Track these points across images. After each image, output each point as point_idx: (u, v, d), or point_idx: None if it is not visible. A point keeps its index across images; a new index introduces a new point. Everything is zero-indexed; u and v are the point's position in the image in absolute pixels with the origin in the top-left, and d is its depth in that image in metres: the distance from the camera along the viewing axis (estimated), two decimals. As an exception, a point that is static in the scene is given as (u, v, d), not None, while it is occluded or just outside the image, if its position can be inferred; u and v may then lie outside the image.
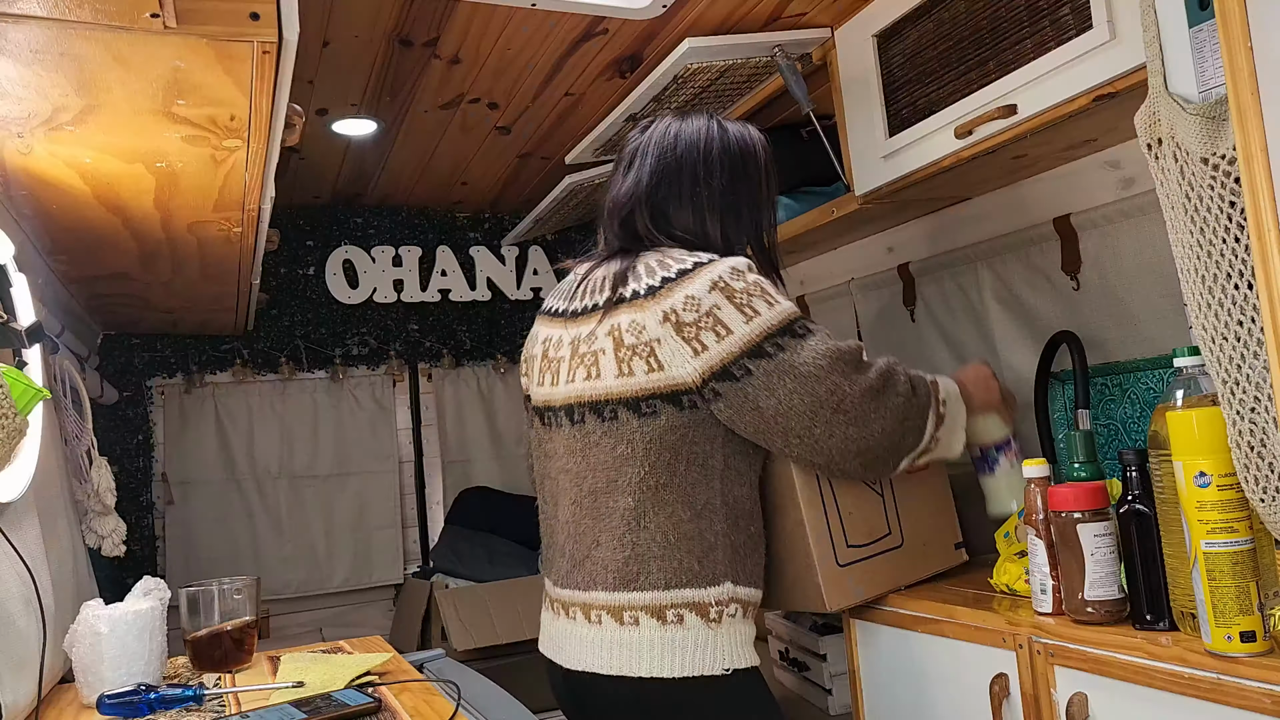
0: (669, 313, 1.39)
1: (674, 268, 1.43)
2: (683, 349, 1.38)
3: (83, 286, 2.13)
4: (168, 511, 2.99)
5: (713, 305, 1.39)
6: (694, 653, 1.38)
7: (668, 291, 1.40)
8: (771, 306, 1.40)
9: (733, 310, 1.39)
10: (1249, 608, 1.12)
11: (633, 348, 1.42)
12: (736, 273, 1.42)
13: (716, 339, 1.38)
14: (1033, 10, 1.58)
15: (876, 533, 1.64)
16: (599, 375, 1.44)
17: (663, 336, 1.39)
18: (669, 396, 1.40)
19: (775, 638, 2.35)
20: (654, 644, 1.38)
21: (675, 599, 1.39)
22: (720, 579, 1.41)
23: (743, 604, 1.43)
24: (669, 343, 1.39)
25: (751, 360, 1.38)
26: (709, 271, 1.41)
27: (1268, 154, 1.01)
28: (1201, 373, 1.21)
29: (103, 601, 1.38)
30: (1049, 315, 2.04)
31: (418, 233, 3.28)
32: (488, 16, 1.89)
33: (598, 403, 1.45)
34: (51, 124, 1.17)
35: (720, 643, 1.40)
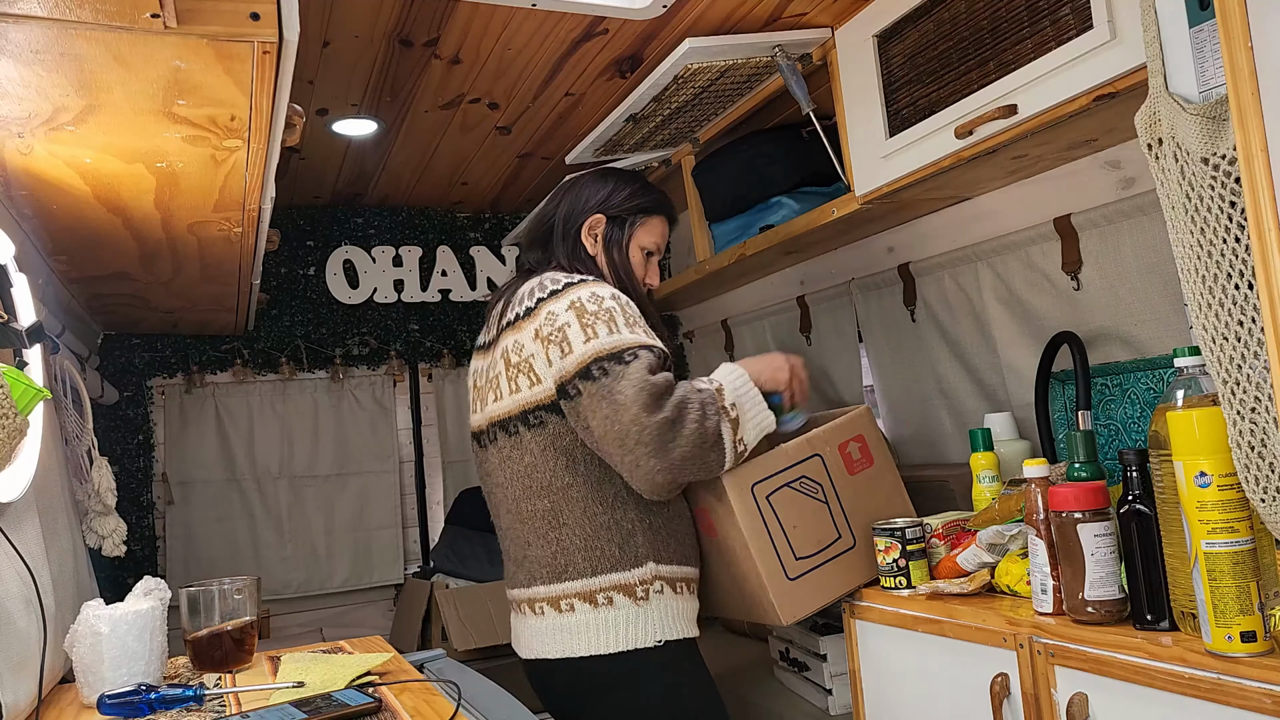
0: (538, 329, 1.56)
1: (548, 288, 1.60)
2: (544, 361, 1.55)
3: (83, 286, 2.13)
4: (168, 511, 2.99)
5: (564, 322, 1.53)
6: (626, 629, 1.56)
7: (539, 310, 1.57)
8: (611, 333, 1.52)
9: (578, 329, 1.52)
10: (1249, 608, 1.12)
11: (517, 366, 1.60)
12: (596, 297, 1.55)
13: (561, 354, 1.53)
14: (1033, 10, 1.57)
15: (825, 539, 1.71)
16: (499, 397, 1.64)
17: (535, 352, 1.56)
18: (549, 406, 1.57)
19: (776, 638, 2.35)
20: (589, 626, 1.57)
21: (603, 583, 1.57)
22: (643, 560, 1.58)
23: (668, 580, 1.60)
24: (539, 357, 1.56)
25: (582, 380, 1.51)
26: (572, 291, 1.57)
27: (1268, 154, 1.01)
28: (1202, 373, 1.21)
29: (103, 601, 1.38)
30: (1049, 315, 2.04)
31: (418, 233, 3.28)
32: (488, 16, 1.89)
33: (502, 420, 1.65)
34: (52, 124, 1.17)
35: (650, 618, 1.57)
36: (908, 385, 2.49)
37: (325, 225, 3.18)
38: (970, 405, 2.30)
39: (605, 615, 1.57)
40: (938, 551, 1.71)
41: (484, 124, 2.49)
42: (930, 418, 2.44)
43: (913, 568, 1.69)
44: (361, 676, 1.35)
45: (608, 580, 1.57)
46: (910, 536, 1.70)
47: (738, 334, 3.20)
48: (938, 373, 2.37)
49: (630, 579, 1.57)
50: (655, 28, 1.98)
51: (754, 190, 2.39)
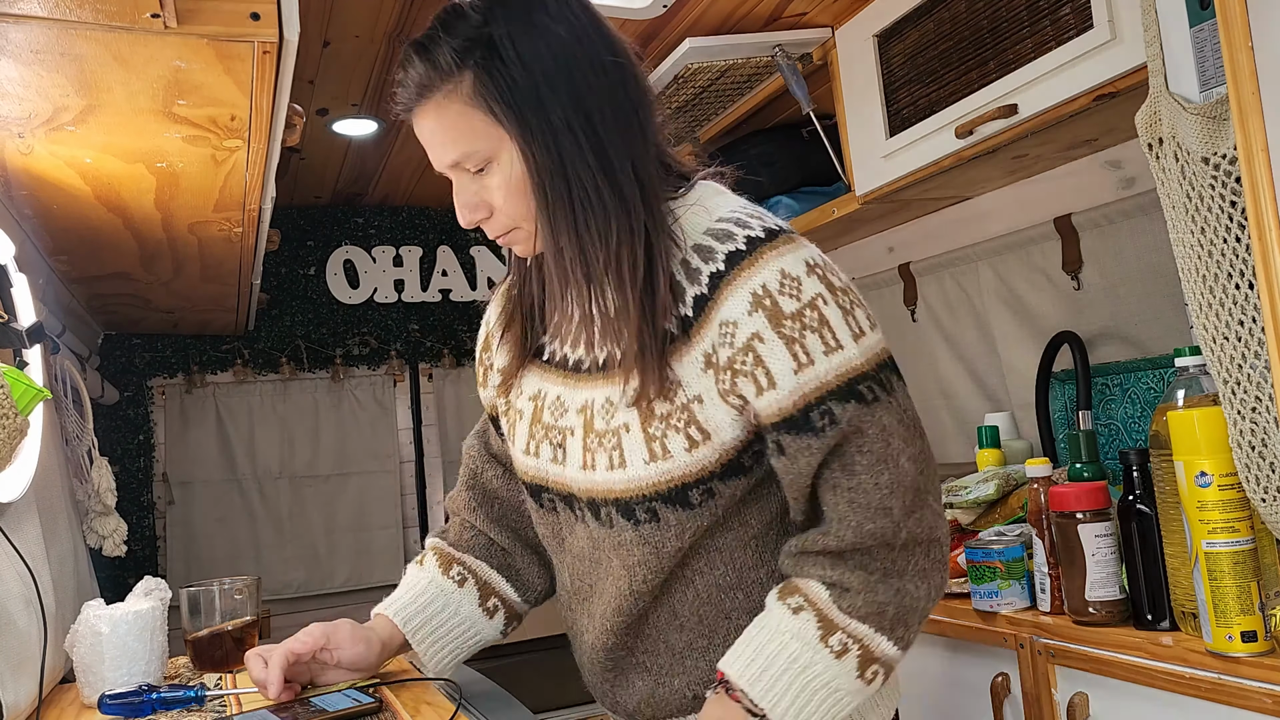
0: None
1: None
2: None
3: (83, 286, 2.13)
4: (168, 511, 2.99)
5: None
6: None
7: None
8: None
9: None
10: (1250, 607, 1.12)
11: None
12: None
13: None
14: (1033, 10, 1.57)
15: None
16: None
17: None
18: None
19: None
20: None
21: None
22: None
23: None
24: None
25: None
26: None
27: (1269, 153, 1.01)
28: (1203, 372, 1.21)
29: (104, 601, 1.38)
30: (1050, 315, 2.04)
31: (418, 233, 3.28)
32: (488, 16, 1.88)
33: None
34: (52, 124, 1.17)
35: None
36: (908, 385, 2.48)
37: (325, 225, 3.18)
38: (971, 405, 2.30)
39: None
40: (938, 551, 1.71)
41: (484, 124, 2.49)
42: (931, 417, 2.44)
43: None
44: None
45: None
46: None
47: (738, 334, 3.20)
48: (938, 372, 2.37)
49: None
50: (655, 27, 1.98)
51: (753, 190, 2.39)
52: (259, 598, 1.57)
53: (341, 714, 1.13)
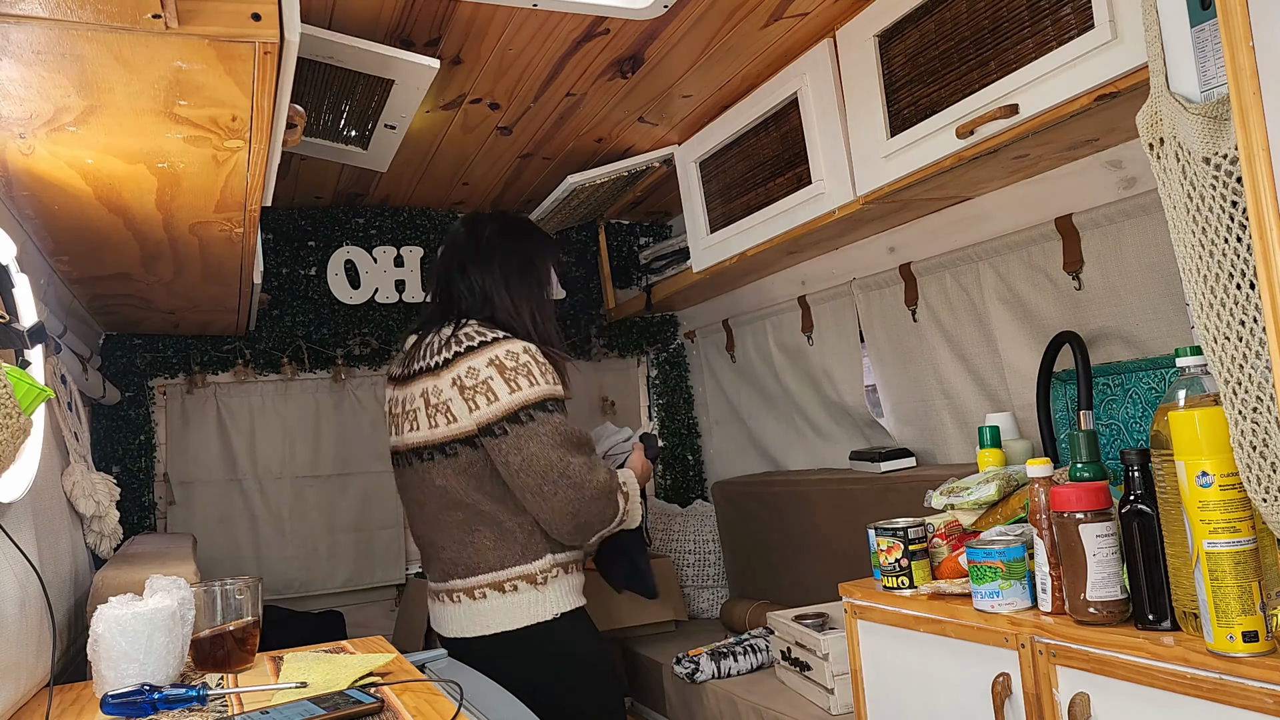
0: (457, 378, 1.96)
1: (464, 344, 1.99)
2: (464, 406, 1.95)
3: (85, 287, 2.13)
4: (169, 512, 2.99)
5: (487, 376, 1.93)
6: (529, 609, 1.99)
7: (456, 362, 1.97)
8: (532, 385, 1.93)
9: (501, 383, 1.93)
10: (1251, 608, 1.12)
11: (435, 407, 1.99)
12: (511, 354, 1.95)
13: (486, 402, 1.93)
14: (1034, 10, 1.57)
15: None
16: (416, 428, 2.04)
17: (453, 397, 1.96)
18: (464, 440, 1.97)
19: (779, 637, 2.35)
20: (498, 609, 2.00)
21: (510, 575, 1.99)
22: (542, 554, 2.01)
23: (563, 565, 2.04)
24: (457, 401, 1.96)
25: (509, 423, 1.91)
26: (491, 349, 1.96)
27: (1270, 153, 1.01)
28: (1204, 372, 1.21)
29: (135, 597, 1.38)
30: (1051, 315, 2.04)
31: (419, 233, 3.28)
32: (489, 17, 1.89)
33: (417, 448, 2.04)
34: (53, 124, 1.17)
35: (548, 597, 2.00)
36: (909, 385, 2.49)
37: (326, 225, 3.18)
38: (972, 405, 2.30)
39: (512, 599, 2.00)
40: (940, 551, 1.71)
41: (485, 124, 2.49)
42: (932, 418, 2.44)
43: (915, 568, 1.69)
44: (364, 677, 1.35)
45: (513, 572, 2.00)
46: (913, 536, 1.70)
47: (739, 334, 3.20)
48: (939, 373, 2.37)
49: (532, 569, 2.00)
50: (657, 27, 1.98)
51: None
52: (260, 598, 1.57)
53: (343, 714, 1.13)
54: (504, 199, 3.22)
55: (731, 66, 2.22)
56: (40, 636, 1.39)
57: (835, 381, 2.75)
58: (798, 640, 2.27)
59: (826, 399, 2.83)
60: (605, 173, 2.74)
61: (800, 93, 2.14)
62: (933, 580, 1.69)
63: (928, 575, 1.69)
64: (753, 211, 2.38)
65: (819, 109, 2.09)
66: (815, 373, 2.84)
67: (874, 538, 1.78)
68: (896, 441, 2.58)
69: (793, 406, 2.99)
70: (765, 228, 2.34)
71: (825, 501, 2.56)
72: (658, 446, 2.31)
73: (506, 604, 1.99)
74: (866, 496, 2.39)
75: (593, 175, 2.74)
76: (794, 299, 2.85)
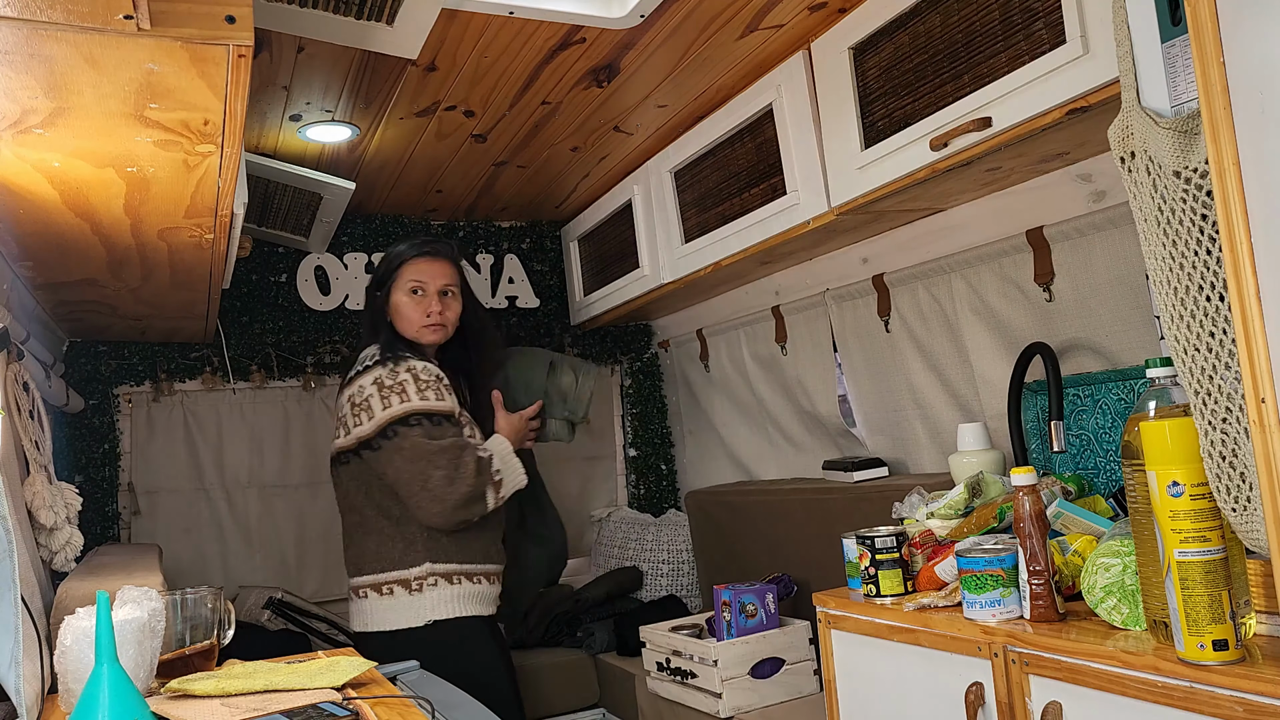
0: (351, 395, 2.20)
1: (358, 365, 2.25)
2: (352, 420, 2.18)
3: (49, 293, 2.09)
4: (134, 522, 2.94)
5: (368, 395, 2.16)
6: (402, 612, 2.15)
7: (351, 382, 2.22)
8: (403, 402, 2.13)
9: (378, 400, 2.14)
10: (1221, 616, 1.13)
11: (339, 419, 2.24)
12: (393, 372, 2.17)
13: (366, 419, 2.15)
14: (1007, 24, 1.59)
15: None
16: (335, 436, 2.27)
17: (348, 412, 2.20)
18: (353, 451, 2.19)
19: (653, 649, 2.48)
20: (376, 609, 2.17)
21: (386, 578, 2.17)
22: (420, 561, 2.16)
23: (444, 575, 2.18)
24: (349, 417, 2.19)
25: (380, 439, 2.13)
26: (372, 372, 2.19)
27: (1240, 167, 1.02)
28: (1174, 383, 1.23)
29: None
30: (1022, 326, 2.06)
31: (391, 240, 3.25)
32: (465, 23, 1.88)
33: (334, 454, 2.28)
34: (19, 127, 1.14)
35: (422, 604, 2.15)
36: (882, 395, 2.50)
37: (297, 232, 3.14)
38: (944, 415, 2.31)
39: (388, 601, 2.17)
40: (915, 562, 1.72)
41: (459, 131, 2.48)
42: (904, 428, 2.45)
43: (882, 577, 1.70)
44: (341, 689, 1.33)
45: (389, 576, 2.17)
46: (880, 546, 1.70)
47: (713, 344, 3.21)
48: (912, 383, 2.39)
49: (408, 575, 2.16)
50: (633, 37, 1.98)
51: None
52: (223, 608, 1.55)
53: (314, 728, 1.11)
54: (478, 207, 3.21)
55: (707, 77, 2.23)
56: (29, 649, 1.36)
57: (809, 391, 2.76)
58: (675, 650, 2.37)
59: (800, 409, 2.84)
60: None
61: (775, 104, 2.15)
62: (907, 590, 1.69)
63: (898, 584, 1.70)
64: (727, 222, 2.39)
65: (794, 120, 2.10)
66: (789, 383, 2.85)
67: (848, 547, 1.79)
68: (869, 451, 2.59)
69: (766, 416, 2.99)
70: (740, 238, 2.35)
71: (798, 511, 2.57)
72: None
73: (382, 605, 2.17)
74: (839, 506, 2.39)
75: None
76: (768, 309, 2.86)
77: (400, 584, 2.15)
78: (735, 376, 3.10)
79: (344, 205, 2.65)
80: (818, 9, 1.92)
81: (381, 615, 2.16)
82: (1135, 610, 1.32)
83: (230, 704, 1.26)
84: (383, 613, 2.16)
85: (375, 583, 2.17)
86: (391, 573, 2.16)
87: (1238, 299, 1.03)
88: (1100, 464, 1.86)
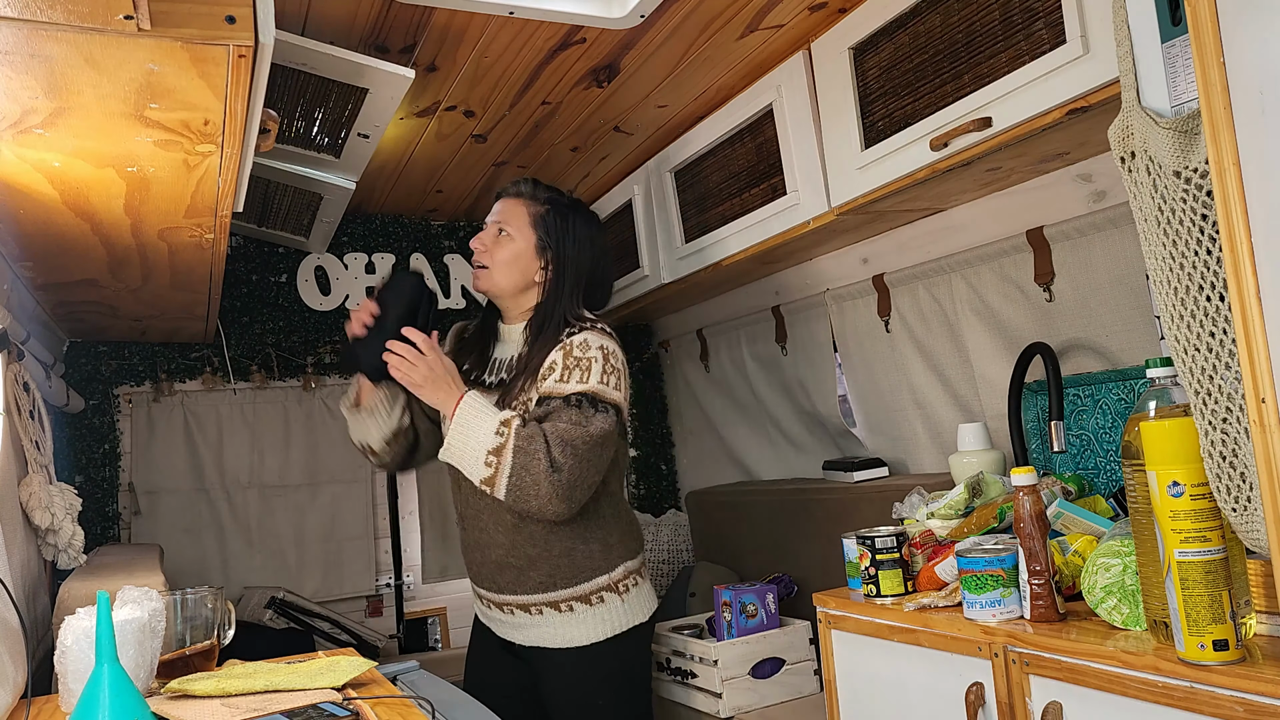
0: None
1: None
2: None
3: (49, 293, 2.09)
4: (134, 522, 2.94)
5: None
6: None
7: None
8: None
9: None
10: (1221, 616, 1.13)
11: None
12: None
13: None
14: (1007, 24, 1.59)
15: None
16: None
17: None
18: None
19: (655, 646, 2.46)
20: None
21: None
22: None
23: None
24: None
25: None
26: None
27: (1240, 167, 1.02)
28: (1174, 383, 1.23)
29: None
30: (1022, 326, 2.06)
31: (391, 240, 3.26)
32: (465, 24, 1.88)
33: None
34: (20, 127, 1.14)
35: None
36: (882, 396, 2.50)
37: (297, 232, 3.14)
38: (944, 415, 2.31)
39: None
40: (916, 562, 1.72)
41: (459, 132, 2.48)
42: (904, 428, 2.45)
43: (882, 577, 1.70)
44: (341, 688, 1.33)
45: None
46: (880, 546, 1.70)
47: (713, 344, 3.21)
48: (912, 383, 2.39)
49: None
50: (633, 37, 1.98)
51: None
52: (223, 608, 1.55)
53: (314, 728, 1.12)
54: (478, 207, 3.21)
55: (707, 77, 2.23)
56: (13, 649, 1.36)
57: (809, 391, 2.76)
58: (676, 649, 2.38)
59: (800, 409, 2.84)
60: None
61: (776, 104, 2.15)
62: (907, 590, 1.69)
63: (898, 584, 1.70)
64: (728, 222, 2.39)
65: (794, 121, 2.10)
66: (789, 383, 2.85)
67: (848, 547, 1.79)
68: (869, 451, 2.59)
69: (766, 416, 2.99)
70: (740, 238, 2.35)
71: (798, 511, 2.57)
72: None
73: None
74: (839, 506, 2.39)
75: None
76: (768, 309, 2.86)
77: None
78: (735, 376, 3.10)
79: (344, 205, 2.66)
80: (818, 9, 1.92)
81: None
82: (1135, 610, 1.32)
83: (230, 704, 1.26)
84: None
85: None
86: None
87: (1238, 299, 1.03)
88: (1100, 464, 1.86)
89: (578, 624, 1.96)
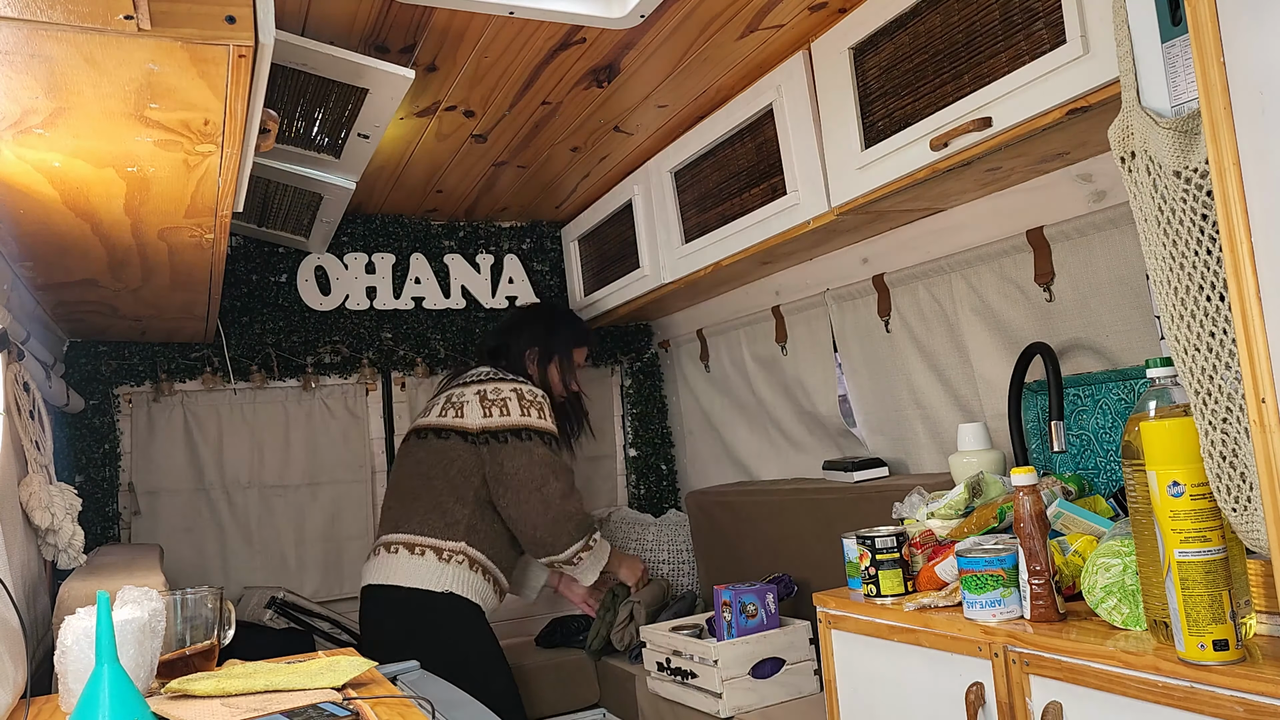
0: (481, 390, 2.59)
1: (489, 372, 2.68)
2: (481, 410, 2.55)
3: (50, 293, 2.09)
4: (134, 522, 2.94)
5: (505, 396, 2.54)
6: (427, 575, 2.45)
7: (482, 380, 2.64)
8: (540, 418, 2.53)
9: (516, 404, 2.54)
10: (1221, 616, 1.13)
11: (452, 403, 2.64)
12: (531, 390, 2.63)
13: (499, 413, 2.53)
14: (1007, 24, 1.59)
15: None
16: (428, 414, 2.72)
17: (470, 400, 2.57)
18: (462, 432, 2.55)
19: (653, 649, 2.48)
20: (403, 566, 2.47)
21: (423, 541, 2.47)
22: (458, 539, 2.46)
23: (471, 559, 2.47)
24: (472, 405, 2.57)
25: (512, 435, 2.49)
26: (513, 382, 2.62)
27: (1240, 167, 1.02)
28: (1174, 383, 1.23)
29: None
30: (1022, 326, 2.06)
31: (391, 240, 3.26)
32: (465, 23, 1.88)
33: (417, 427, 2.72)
34: (20, 127, 1.14)
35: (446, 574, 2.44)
36: (882, 395, 2.50)
37: (297, 232, 3.14)
38: (944, 415, 2.31)
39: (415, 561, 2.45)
40: (916, 562, 1.72)
41: (459, 131, 2.48)
42: (904, 427, 2.45)
43: (882, 577, 1.70)
44: (341, 688, 1.33)
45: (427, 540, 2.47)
46: (880, 546, 1.70)
47: (713, 344, 3.21)
48: (912, 383, 2.39)
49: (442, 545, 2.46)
50: (633, 37, 1.98)
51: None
52: (223, 608, 1.55)
53: (314, 728, 1.11)
54: (478, 207, 3.21)
55: (707, 77, 2.23)
56: (13, 648, 1.36)
57: (809, 391, 2.76)
58: (676, 649, 2.38)
59: (800, 409, 2.84)
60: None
61: (775, 104, 2.15)
62: (907, 590, 1.69)
63: (898, 584, 1.70)
64: (727, 222, 2.39)
65: (794, 120, 2.10)
66: (789, 383, 2.85)
67: (848, 547, 1.79)
68: (869, 451, 2.59)
69: (766, 416, 2.99)
70: (740, 238, 2.35)
71: (798, 511, 2.57)
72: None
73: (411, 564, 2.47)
74: (839, 506, 2.39)
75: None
76: (768, 309, 2.86)
77: (434, 550, 2.44)
78: (735, 376, 3.10)
79: (344, 205, 2.68)
80: (818, 9, 1.93)
81: (406, 572, 2.43)
82: (1135, 610, 1.32)
83: (230, 704, 1.26)
84: (409, 570, 2.43)
85: (410, 542, 2.46)
86: (430, 538, 2.45)
87: (1238, 299, 1.03)
88: (1100, 464, 1.86)
89: None
